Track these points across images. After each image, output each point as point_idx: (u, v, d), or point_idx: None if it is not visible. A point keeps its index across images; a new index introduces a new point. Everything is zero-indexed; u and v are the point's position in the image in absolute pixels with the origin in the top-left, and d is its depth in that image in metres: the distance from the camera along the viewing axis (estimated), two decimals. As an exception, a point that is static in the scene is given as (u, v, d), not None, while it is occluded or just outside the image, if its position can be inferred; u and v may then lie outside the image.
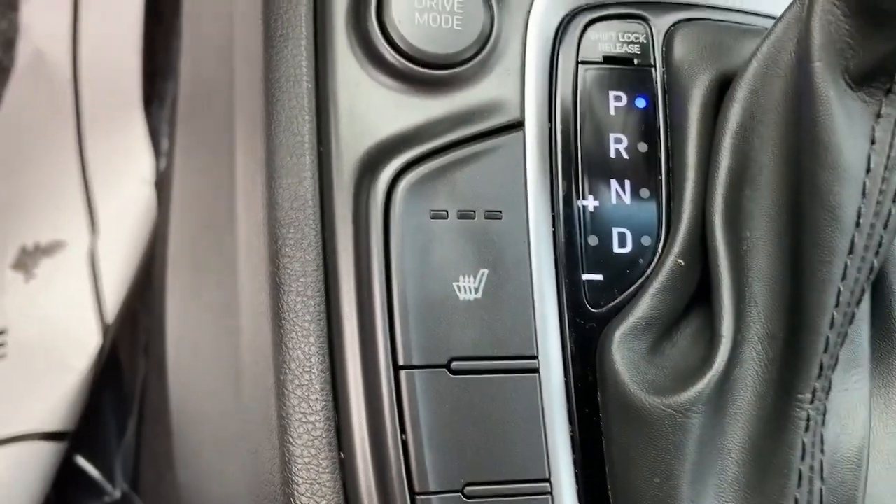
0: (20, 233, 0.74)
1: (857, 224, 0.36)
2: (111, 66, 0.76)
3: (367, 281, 0.40)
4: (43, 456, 0.67)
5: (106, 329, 0.70)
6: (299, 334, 0.40)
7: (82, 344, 0.70)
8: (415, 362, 0.39)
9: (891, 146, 0.36)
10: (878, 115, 0.36)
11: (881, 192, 0.36)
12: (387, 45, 0.41)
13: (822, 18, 0.35)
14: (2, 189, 0.75)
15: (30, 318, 0.71)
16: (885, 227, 0.37)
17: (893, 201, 0.36)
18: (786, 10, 0.38)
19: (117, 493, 0.71)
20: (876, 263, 0.37)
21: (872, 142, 0.36)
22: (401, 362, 0.39)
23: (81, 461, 0.72)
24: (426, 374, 0.39)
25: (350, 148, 0.41)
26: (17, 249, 0.73)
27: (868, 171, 0.36)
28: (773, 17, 0.43)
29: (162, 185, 0.72)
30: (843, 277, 0.37)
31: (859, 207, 0.36)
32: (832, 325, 0.38)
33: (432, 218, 0.40)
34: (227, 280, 0.46)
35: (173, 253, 0.60)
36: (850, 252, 0.37)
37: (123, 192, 0.73)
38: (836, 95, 0.35)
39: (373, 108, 0.41)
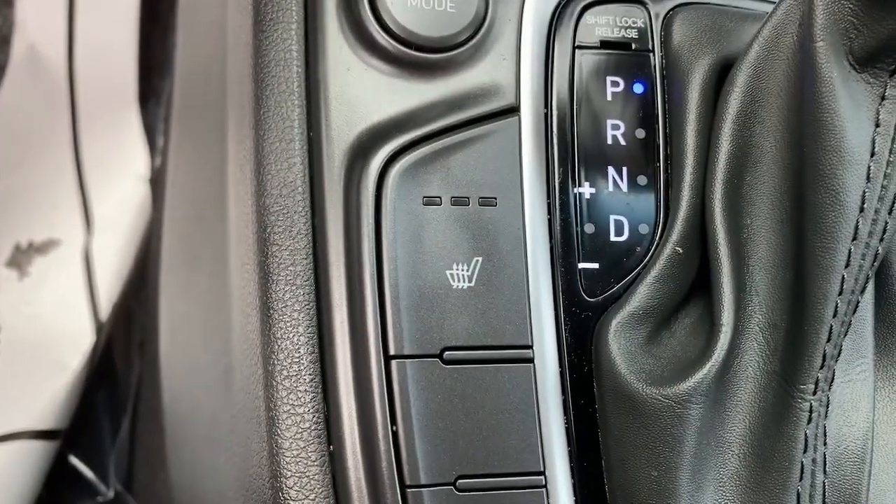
0: (14, 230, 0.74)
1: (862, 209, 0.36)
2: (107, 64, 0.76)
3: (358, 269, 0.39)
4: (35, 455, 0.67)
5: (100, 327, 0.70)
6: (288, 324, 0.40)
7: (76, 342, 0.70)
8: (406, 352, 0.39)
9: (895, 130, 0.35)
10: (883, 98, 0.36)
11: (886, 176, 0.36)
12: (379, 29, 0.41)
13: None
14: (2, 186, 0.75)
15: (23, 317, 0.71)
16: (890, 212, 0.36)
17: None
18: None
19: (111, 493, 0.71)
20: (880, 250, 0.37)
21: (877, 125, 0.36)
22: (392, 352, 0.39)
23: (75, 460, 0.72)
24: (418, 364, 0.39)
25: (341, 133, 0.41)
26: (11, 247, 0.73)
27: (873, 154, 0.36)
28: (773, 2, 0.42)
29: (157, 182, 0.72)
30: (847, 264, 0.37)
31: (863, 192, 0.36)
32: (835, 313, 0.37)
33: (425, 204, 0.40)
34: (218, 273, 0.46)
35: (167, 249, 0.60)
36: (854, 238, 0.36)
37: (119, 190, 0.73)
38: (839, 77, 0.35)
39: (364, 93, 0.41)
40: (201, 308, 0.50)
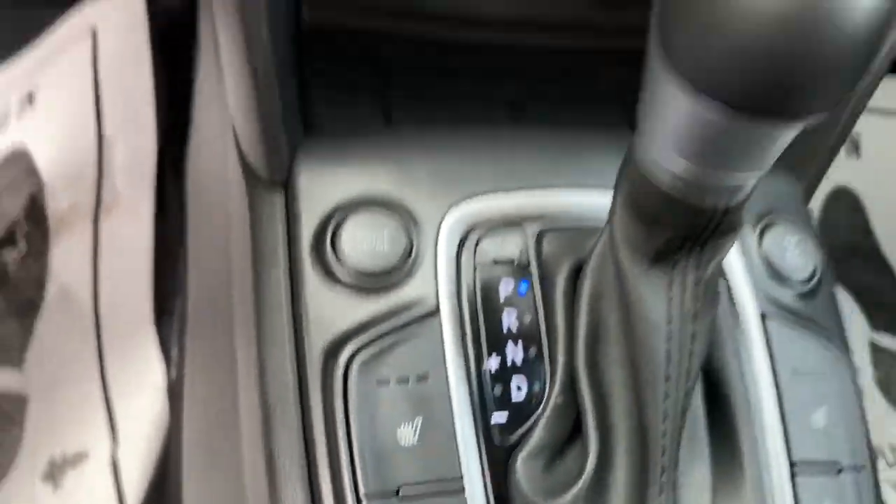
0: (49, 446, 0.78)
1: (668, 360, 0.44)
2: (126, 295, 0.83)
3: (334, 440, 0.47)
4: None
5: (129, 534, 0.74)
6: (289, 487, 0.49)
7: (108, 548, 0.74)
8: (371, 492, 0.46)
9: (682, 303, 0.44)
10: (671, 282, 0.44)
11: (680, 333, 0.45)
12: (340, 266, 0.50)
13: (619, 223, 0.44)
14: (38, 409, 0.83)
15: (58, 528, 0.75)
16: (689, 358, 0.47)
17: (691, 342, 0.45)
18: (609, 216, 0.46)
19: None
20: (689, 384, 0.47)
21: (670, 300, 0.44)
22: (361, 492, 0.46)
23: None
24: (381, 501, 0.46)
25: (317, 339, 0.49)
26: (46, 462, 0.77)
27: (669, 321, 0.44)
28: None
29: (173, 391, 0.79)
30: (666, 397, 0.45)
31: (668, 349, 0.44)
32: (664, 435, 0.45)
33: (378, 385, 0.48)
34: (234, 472, 0.51)
35: (188, 454, 0.65)
36: (667, 380, 0.45)
37: (140, 401, 0.77)
38: (639, 272, 0.44)
39: (333, 310, 0.50)
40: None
